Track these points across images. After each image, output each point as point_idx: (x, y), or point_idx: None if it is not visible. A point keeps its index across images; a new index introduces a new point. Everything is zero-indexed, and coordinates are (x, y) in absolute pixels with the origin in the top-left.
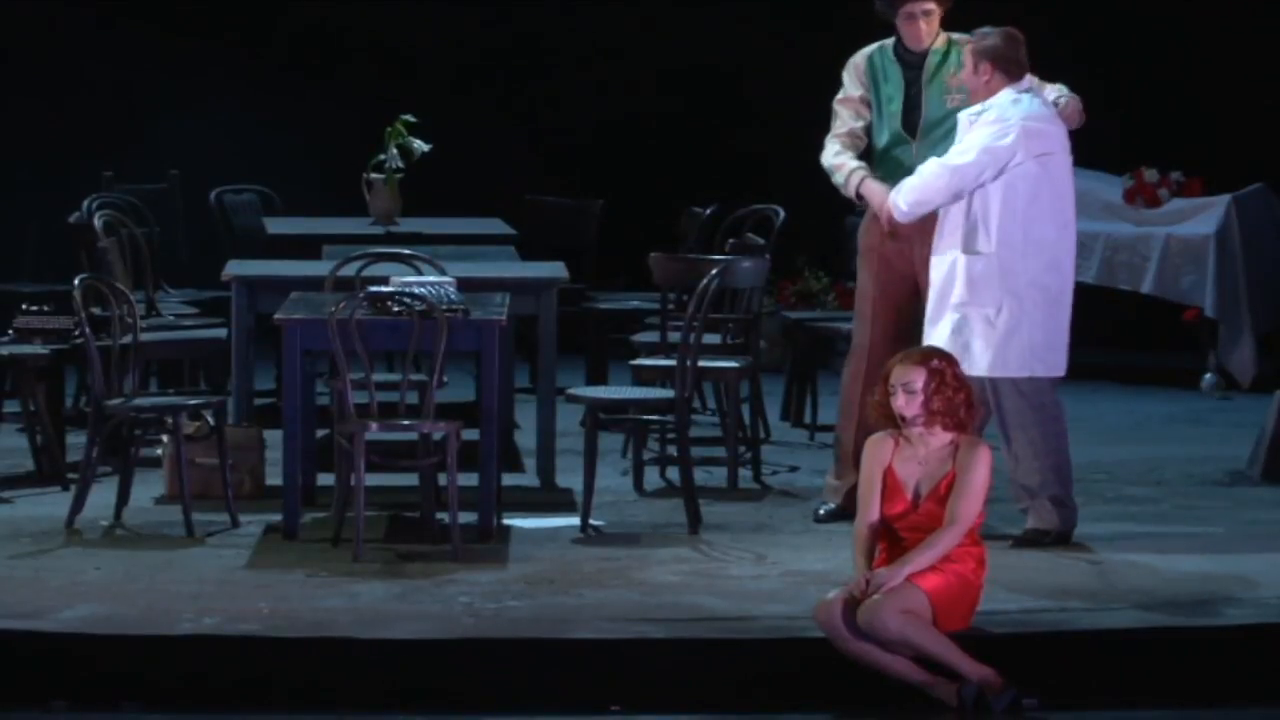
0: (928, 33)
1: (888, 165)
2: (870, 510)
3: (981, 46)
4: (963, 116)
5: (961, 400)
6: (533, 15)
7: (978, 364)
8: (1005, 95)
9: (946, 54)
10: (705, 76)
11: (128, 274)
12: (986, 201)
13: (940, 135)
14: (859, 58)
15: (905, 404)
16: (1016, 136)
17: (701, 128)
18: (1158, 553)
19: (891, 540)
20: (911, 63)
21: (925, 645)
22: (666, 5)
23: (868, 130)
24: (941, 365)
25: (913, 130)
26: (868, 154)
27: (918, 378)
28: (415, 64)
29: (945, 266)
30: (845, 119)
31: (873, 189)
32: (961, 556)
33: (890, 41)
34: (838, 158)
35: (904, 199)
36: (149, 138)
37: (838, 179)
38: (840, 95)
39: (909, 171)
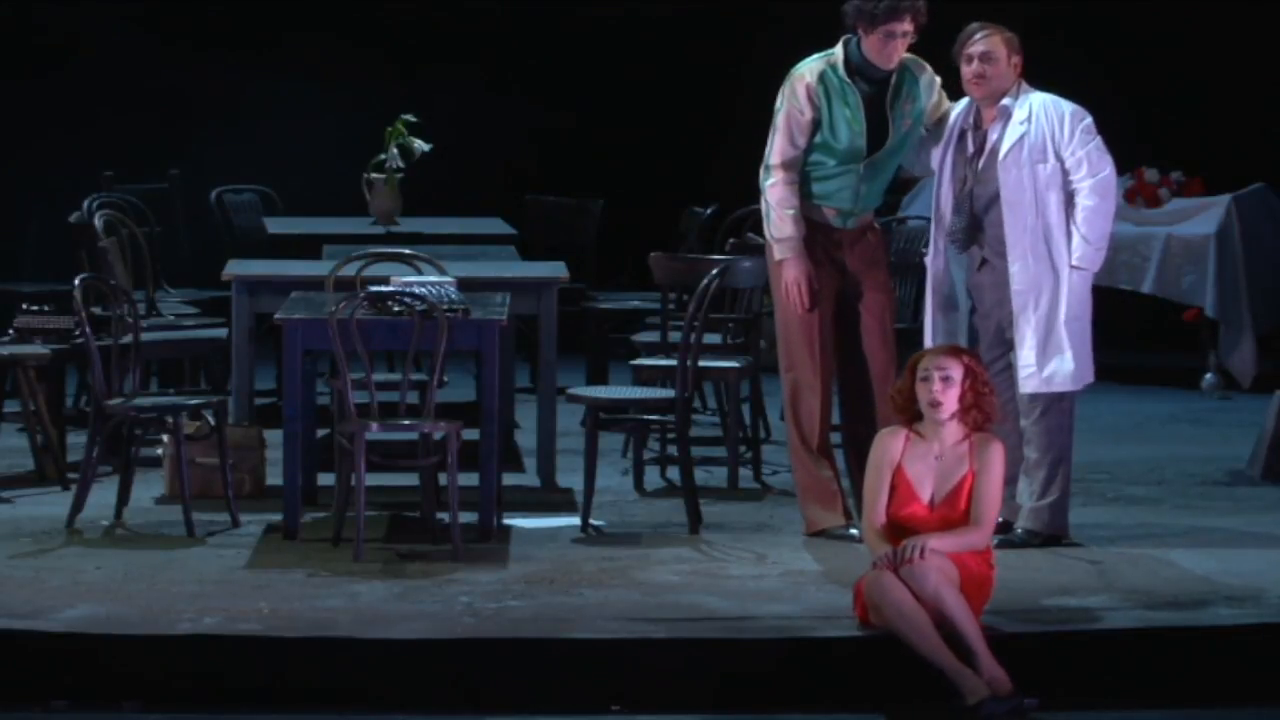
0: (899, 55)
1: (829, 184)
2: (878, 510)
3: (1009, 37)
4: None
5: (993, 402)
6: (534, 15)
7: (1070, 376)
8: (1041, 93)
9: (902, 77)
10: (706, 75)
11: (128, 273)
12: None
13: (885, 156)
14: (808, 75)
15: (941, 390)
16: None
17: (703, 127)
18: (1158, 552)
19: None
20: (874, 79)
21: (955, 614)
22: (669, 3)
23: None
24: (972, 363)
25: (871, 151)
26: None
27: (955, 368)
28: (416, 63)
29: (1048, 282)
30: (792, 143)
31: (793, 267)
32: (974, 556)
33: (838, 58)
34: (784, 210)
35: (1096, 254)
36: (149, 137)
37: (772, 226)
38: (787, 110)
39: (852, 191)
